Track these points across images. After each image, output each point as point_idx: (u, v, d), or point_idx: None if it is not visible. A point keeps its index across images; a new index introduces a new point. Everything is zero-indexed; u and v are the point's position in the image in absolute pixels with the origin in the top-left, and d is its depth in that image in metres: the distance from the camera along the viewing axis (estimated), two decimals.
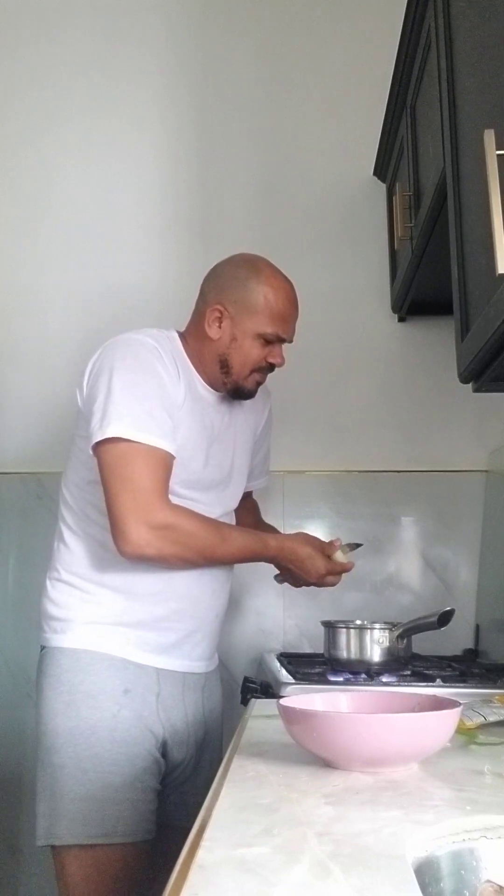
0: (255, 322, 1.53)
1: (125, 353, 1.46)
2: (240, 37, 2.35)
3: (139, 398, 1.42)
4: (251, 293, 1.53)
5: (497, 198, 0.99)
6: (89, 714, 1.39)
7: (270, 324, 1.53)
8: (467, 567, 2.09)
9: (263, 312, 1.53)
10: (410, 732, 0.81)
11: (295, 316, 1.57)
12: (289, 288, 1.56)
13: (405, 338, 2.20)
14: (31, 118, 2.34)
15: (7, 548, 2.15)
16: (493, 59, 1.12)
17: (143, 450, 1.39)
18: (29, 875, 2.01)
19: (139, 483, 1.38)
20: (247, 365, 1.54)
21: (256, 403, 1.71)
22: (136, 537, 1.37)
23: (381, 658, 1.49)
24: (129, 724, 1.41)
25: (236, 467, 1.63)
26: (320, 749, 0.83)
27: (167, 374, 1.47)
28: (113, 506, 1.39)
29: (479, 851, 0.64)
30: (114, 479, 1.39)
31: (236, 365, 1.54)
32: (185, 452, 1.47)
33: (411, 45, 1.70)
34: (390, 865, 0.55)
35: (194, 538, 1.43)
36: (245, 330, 1.53)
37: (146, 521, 1.37)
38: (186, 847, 0.61)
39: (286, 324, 1.55)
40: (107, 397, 1.41)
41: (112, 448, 1.40)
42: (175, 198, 2.28)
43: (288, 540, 1.59)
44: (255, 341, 1.53)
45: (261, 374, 1.57)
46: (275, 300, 1.53)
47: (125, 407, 1.40)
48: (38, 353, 2.22)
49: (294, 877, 0.52)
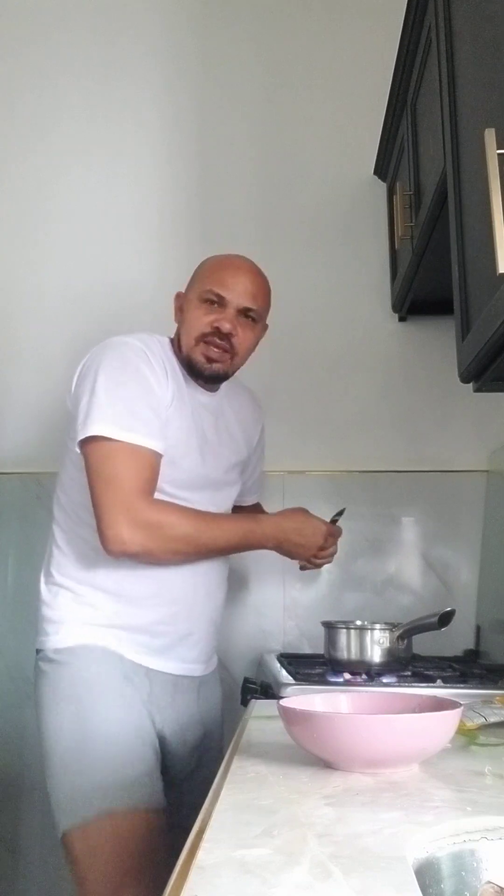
0: (196, 288, 1.55)
1: (111, 354, 1.47)
2: (240, 37, 2.35)
3: (123, 397, 1.42)
4: (198, 269, 1.59)
5: (498, 197, 0.99)
6: (93, 699, 1.40)
7: (208, 282, 1.52)
8: (468, 567, 2.09)
9: (202, 275, 1.56)
10: (411, 733, 0.81)
11: (244, 282, 1.53)
12: (236, 259, 1.57)
13: (405, 337, 2.19)
14: (31, 118, 2.34)
15: (6, 548, 2.15)
16: (493, 59, 1.12)
17: (127, 448, 1.40)
18: (29, 874, 2.01)
19: (122, 482, 1.38)
20: (192, 333, 1.52)
21: (252, 415, 1.73)
22: (118, 535, 1.37)
23: (382, 659, 1.49)
24: (133, 703, 1.41)
25: (231, 470, 1.63)
26: (320, 750, 0.83)
27: (153, 374, 1.47)
28: (97, 505, 1.40)
29: (479, 852, 0.64)
30: (97, 479, 1.40)
31: (184, 336, 1.54)
32: (175, 451, 1.48)
33: (411, 44, 1.70)
34: (391, 867, 0.55)
35: (179, 529, 1.43)
36: (189, 299, 1.56)
37: (129, 518, 1.37)
38: (186, 848, 0.60)
39: (224, 283, 1.52)
40: (91, 397, 1.42)
41: (96, 447, 1.41)
42: (175, 198, 2.28)
43: (280, 514, 1.60)
44: (198, 307, 1.52)
45: (208, 345, 1.52)
46: (215, 262, 1.56)
47: (109, 406, 1.41)
48: (38, 353, 2.22)
49: (294, 878, 0.52)
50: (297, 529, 1.56)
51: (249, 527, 1.52)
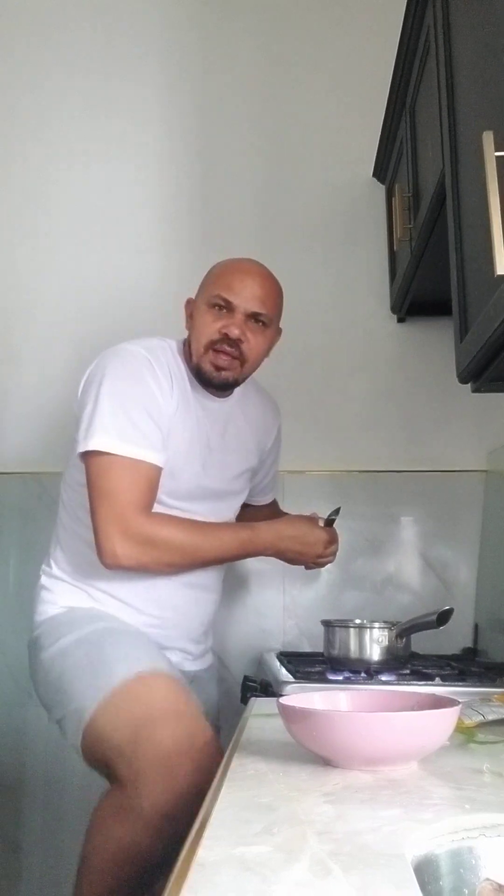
0: (204, 293, 1.54)
1: (116, 363, 1.47)
2: (240, 38, 2.35)
3: (126, 409, 1.42)
4: (207, 274, 1.57)
5: (496, 199, 0.99)
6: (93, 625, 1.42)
7: (216, 287, 1.51)
8: (467, 566, 2.09)
9: (210, 280, 1.54)
10: (410, 731, 0.81)
11: (251, 286, 1.50)
12: (245, 263, 1.55)
13: (405, 338, 2.20)
14: (31, 117, 2.34)
15: (8, 548, 2.16)
16: (492, 61, 1.12)
17: (127, 463, 1.40)
18: (30, 873, 2.02)
19: (119, 496, 1.39)
20: (201, 340, 1.51)
21: (266, 420, 1.71)
22: (112, 549, 1.39)
23: (381, 657, 1.49)
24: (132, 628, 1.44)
25: (236, 479, 1.62)
26: (320, 748, 0.83)
27: (157, 385, 1.46)
28: (94, 518, 1.41)
29: (478, 850, 0.64)
30: (96, 492, 1.41)
31: (194, 343, 1.53)
32: (175, 462, 1.47)
33: (411, 46, 1.70)
34: (390, 864, 0.55)
35: (175, 543, 1.44)
36: (198, 305, 1.54)
37: (124, 533, 1.38)
38: (186, 846, 0.61)
39: (231, 288, 1.50)
40: (94, 407, 1.42)
41: (97, 460, 1.41)
42: (175, 198, 2.29)
43: (280, 522, 1.58)
44: (207, 313, 1.51)
45: (217, 352, 1.50)
46: (223, 267, 1.54)
47: (110, 418, 1.41)
48: (38, 353, 2.23)
49: (294, 875, 0.53)
50: (296, 538, 1.55)
51: (247, 536, 1.51)
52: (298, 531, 1.56)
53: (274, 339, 1.60)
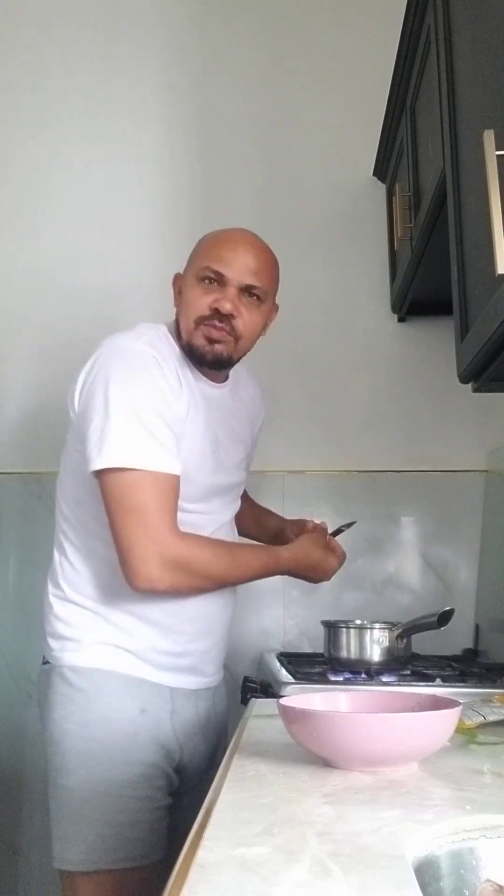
0: (193, 266, 1.43)
1: (121, 366, 1.35)
2: (240, 38, 2.35)
3: (140, 418, 1.31)
4: (196, 246, 1.47)
5: (497, 198, 0.99)
6: (104, 737, 1.33)
7: (205, 258, 1.40)
8: (467, 567, 2.09)
9: (199, 252, 1.43)
10: (410, 732, 0.81)
11: (244, 257, 1.40)
12: (237, 232, 1.45)
13: (405, 338, 2.20)
14: (31, 115, 2.34)
15: (7, 548, 2.16)
16: (492, 60, 1.12)
17: (150, 477, 1.30)
18: (29, 875, 2.02)
19: (148, 515, 1.29)
20: (190, 316, 1.40)
21: (255, 405, 1.66)
22: (149, 573, 1.29)
23: (381, 658, 1.49)
24: (145, 744, 1.35)
25: (238, 468, 1.58)
26: (320, 748, 0.83)
27: (168, 385, 1.37)
28: (121, 538, 1.30)
29: (478, 851, 0.64)
30: (121, 511, 1.30)
31: (183, 320, 1.42)
32: (189, 466, 1.38)
33: (411, 45, 1.70)
34: (390, 865, 0.55)
35: (207, 569, 1.37)
36: (187, 279, 1.43)
37: (158, 556, 1.29)
38: (186, 846, 0.61)
39: (222, 259, 1.39)
40: (104, 419, 1.30)
41: (116, 477, 1.30)
42: (175, 196, 2.29)
43: (299, 550, 1.52)
44: (196, 287, 1.40)
45: (208, 327, 1.39)
46: (213, 237, 1.44)
47: (126, 430, 1.30)
48: (37, 352, 2.23)
49: (294, 876, 0.52)
50: (311, 567, 1.51)
51: (270, 563, 1.47)
52: (313, 560, 1.51)
53: (270, 315, 1.49)
